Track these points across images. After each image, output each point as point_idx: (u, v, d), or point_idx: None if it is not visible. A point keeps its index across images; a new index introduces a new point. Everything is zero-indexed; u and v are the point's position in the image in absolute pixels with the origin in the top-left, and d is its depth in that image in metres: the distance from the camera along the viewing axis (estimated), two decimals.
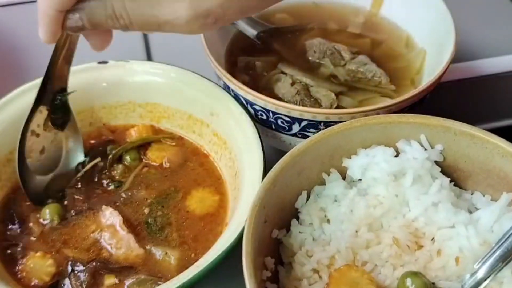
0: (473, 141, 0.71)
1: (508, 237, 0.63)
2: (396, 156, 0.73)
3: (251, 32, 0.96)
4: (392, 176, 0.71)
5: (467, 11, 1.21)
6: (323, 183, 0.75)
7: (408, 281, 0.62)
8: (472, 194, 0.74)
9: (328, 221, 0.72)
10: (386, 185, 0.71)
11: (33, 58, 1.10)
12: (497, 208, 0.68)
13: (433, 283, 0.64)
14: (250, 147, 0.80)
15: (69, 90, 0.85)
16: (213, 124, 0.87)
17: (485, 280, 0.63)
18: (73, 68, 0.88)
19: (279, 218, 0.71)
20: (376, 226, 0.70)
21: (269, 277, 0.67)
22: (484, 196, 0.72)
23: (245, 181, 0.77)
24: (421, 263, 0.66)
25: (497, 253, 0.63)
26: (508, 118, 1.03)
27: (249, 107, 0.85)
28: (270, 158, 0.77)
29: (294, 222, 0.72)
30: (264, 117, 0.85)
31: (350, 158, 0.75)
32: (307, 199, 0.74)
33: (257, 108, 0.84)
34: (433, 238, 0.68)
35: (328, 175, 0.75)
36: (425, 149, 0.73)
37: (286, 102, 0.87)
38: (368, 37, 1.00)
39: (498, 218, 0.67)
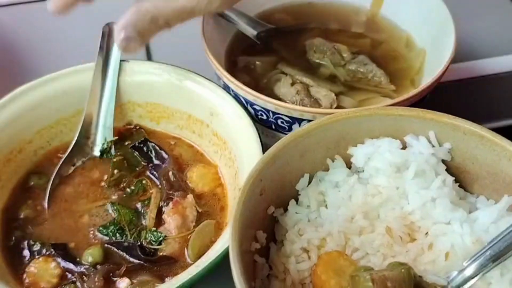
0: (481, 142, 0.70)
1: (503, 237, 0.63)
2: (403, 149, 0.73)
3: (251, 32, 0.96)
4: (395, 168, 0.71)
5: (467, 11, 1.21)
6: (327, 169, 0.75)
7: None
8: (477, 197, 0.73)
9: (326, 205, 0.72)
10: (388, 177, 0.70)
11: (33, 58, 1.10)
12: (496, 209, 0.68)
13: (421, 276, 0.64)
14: (250, 147, 0.79)
15: (68, 91, 0.87)
16: (213, 124, 0.87)
17: (473, 278, 0.63)
18: (73, 68, 0.89)
19: (277, 196, 0.71)
20: (373, 215, 0.70)
21: (259, 250, 0.68)
22: (488, 200, 0.72)
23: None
24: (412, 255, 0.66)
25: (488, 253, 0.63)
26: (508, 118, 1.03)
27: (249, 107, 0.85)
28: None
29: (292, 202, 0.73)
30: (264, 117, 0.85)
31: (356, 146, 0.74)
32: (309, 183, 0.74)
33: (257, 108, 0.84)
34: (427, 233, 0.68)
35: (333, 161, 0.75)
36: (433, 146, 0.72)
37: (286, 102, 0.87)
38: (368, 37, 1.00)
39: (496, 220, 0.67)
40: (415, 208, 0.69)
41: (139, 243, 0.78)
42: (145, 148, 0.88)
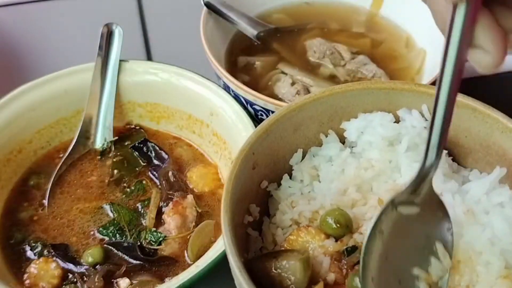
0: (474, 114, 0.70)
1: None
2: (396, 123, 0.73)
3: (251, 32, 0.96)
4: (387, 141, 0.71)
5: None
6: (320, 144, 0.75)
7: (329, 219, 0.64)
8: (470, 171, 0.72)
9: (319, 180, 0.72)
10: (380, 150, 0.70)
11: (33, 58, 1.10)
12: (488, 181, 0.67)
13: None
14: None
15: (68, 91, 0.87)
16: (213, 124, 0.87)
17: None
18: (72, 68, 0.89)
19: (271, 171, 0.71)
20: (365, 188, 0.70)
21: (252, 224, 0.68)
22: (481, 173, 0.71)
23: None
24: None
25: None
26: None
27: (249, 107, 0.85)
28: None
29: (285, 177, 0.73)
30: (264, 117, 0.85)
31: (349, 121, 0.74)
32: (303, 158, 0.74)
33: (257, 108, 0.84)
34: None
35: (326, 136, 0.75)
36: (426, 120, 0.72)
37: (286, 102, 0.87)
38: (368, 37, 1.00)
39: (488, 191, 0.67)
40: (407, 180, 0.67)
41: (139, 244, 0.78)
42: (145, 148, 0.88)
